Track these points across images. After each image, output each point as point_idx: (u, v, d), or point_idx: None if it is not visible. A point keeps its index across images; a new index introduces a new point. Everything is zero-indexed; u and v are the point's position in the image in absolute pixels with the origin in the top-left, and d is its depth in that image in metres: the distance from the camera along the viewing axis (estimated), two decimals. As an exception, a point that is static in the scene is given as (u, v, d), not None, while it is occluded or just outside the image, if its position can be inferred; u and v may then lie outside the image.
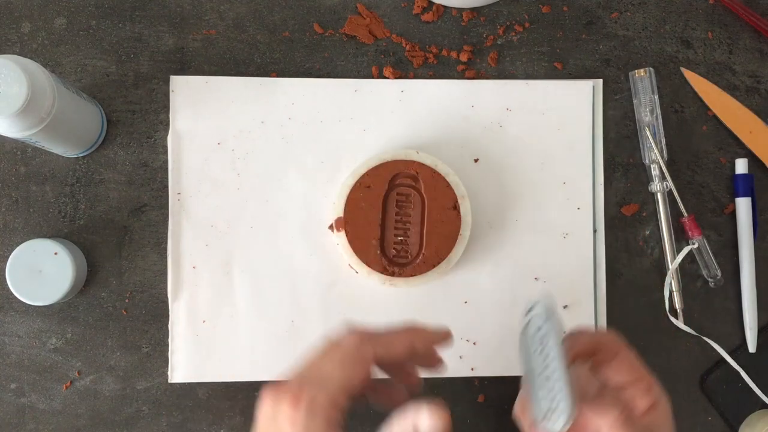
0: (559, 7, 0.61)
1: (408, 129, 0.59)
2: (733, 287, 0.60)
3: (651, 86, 0.60)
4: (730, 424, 0.59)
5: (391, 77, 0.59)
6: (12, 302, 0.57)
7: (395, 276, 0.56)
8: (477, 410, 0.59)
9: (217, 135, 0.58)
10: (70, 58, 0.59)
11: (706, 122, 0.61)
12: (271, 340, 0.58)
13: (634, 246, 0.60)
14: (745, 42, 0.62)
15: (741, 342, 0.60)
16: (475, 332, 0.58)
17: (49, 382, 0.57)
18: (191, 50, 0.59)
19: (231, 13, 0.60)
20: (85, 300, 0.58)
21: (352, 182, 0.56)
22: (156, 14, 0.59)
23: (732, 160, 0.61)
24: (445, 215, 0.56)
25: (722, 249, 0.61)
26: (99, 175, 0.58)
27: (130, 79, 0.59)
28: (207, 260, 0.58)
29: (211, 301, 0.58)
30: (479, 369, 0.59)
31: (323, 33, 0.60)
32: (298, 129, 0.59)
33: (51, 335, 0.57)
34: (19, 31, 0.59)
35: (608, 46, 0.61)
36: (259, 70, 0.59)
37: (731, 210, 0.61)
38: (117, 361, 0.58)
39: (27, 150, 0.58)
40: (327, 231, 0.58)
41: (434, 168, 0.57)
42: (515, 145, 0.60)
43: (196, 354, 0.57)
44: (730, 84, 0.61)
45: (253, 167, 0.58)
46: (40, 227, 0.58)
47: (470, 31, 0.60)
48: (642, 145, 0.60)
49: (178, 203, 0.58)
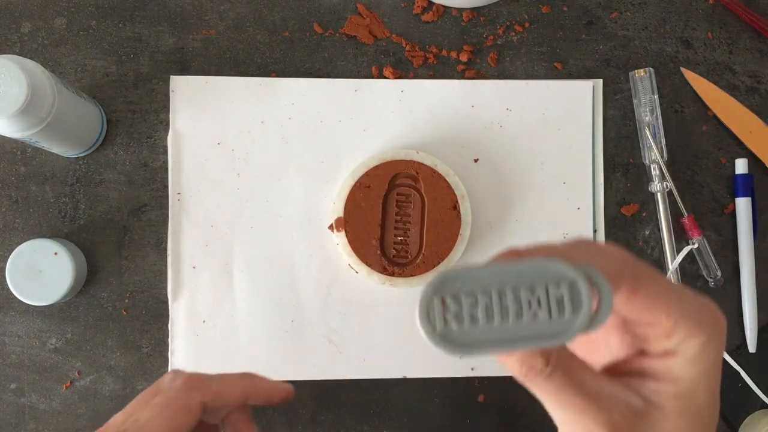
0: (559, 7, 0.61)
1: (408, 129, 0.59)
2: (733, 287, 0.60)
3: (651, 86, 0.60)
4: (730, 424, 0.59)
5: (391, 77, 0.59)
6: (12, 302, 0.57)
7: (395, 276, 0.56)
8: (477, 410, 0.59)
9: (217, 135, 0.59)
10: (70, 58, 0.59)
11: (706, 122, 0.61)
12: (271, 340, 0.58)
13: (634, 246, 0.60)
14: (745, 42, 0.62)
15: (741, 342, 0.60)
16: (475, 332, 0.58)
17: (49, 382, 0.57)
18: (191, 50, 0.59)
19: (231, 13, 0.60)
20: (85, 300, 0.58)
21: (351, 182, 0.56)
22: (156, 14, 0.59)
23: (732, 160, 0.61)
24: (445, 215, 0.56)
25: (722, 249, 0.61)
26: (99, 175, 0.58)
27: (130, 79, 0.59)
28: (207, 260, 0.58)
29: (211, 301, 0.58)
30: (479, 369, 0.59)
31: (323, 33, 0.60)
32: (298, 129, 0.59)
33: (51, 335, 0.58)
34: (19, 31, 0.59)
35: (608, 46, 0.61)
36: (259, 70, 0.59)
37: (731, 210, 0.61)
38: (117, 361, 0.58)
39: (27, 150, 0.58)
40: (327, 231, 0.58)
41: (434, 168, 0.57)
42: (515, 145, 0.60)
43: (196, 354, 0.57)
44: (730, 84, 0.61)
45: (253, 167, 0.58)
46: (40, 227, 0.58)
47: (470, 31, 0.60)
48: (642, 145, 0.60)
49: (178, 203, 0.58)
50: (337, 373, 0.58)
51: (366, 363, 0.58)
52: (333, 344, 0.58)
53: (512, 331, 0.26)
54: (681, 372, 0.28)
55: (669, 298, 0.27)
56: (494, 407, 0.59)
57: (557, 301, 0.26)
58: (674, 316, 0.27)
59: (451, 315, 0.26)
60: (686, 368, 0.28)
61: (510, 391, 0.59)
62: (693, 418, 0.28)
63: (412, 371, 0.58)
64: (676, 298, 0.28)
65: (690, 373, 0.28)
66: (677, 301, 0.28)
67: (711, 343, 0.28)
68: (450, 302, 0.26)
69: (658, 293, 0.27)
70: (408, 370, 0.58)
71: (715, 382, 0.28)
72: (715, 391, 0.28)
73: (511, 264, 0.26)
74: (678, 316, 0.27)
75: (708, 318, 0.28)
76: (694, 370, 0.28)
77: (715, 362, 0.28)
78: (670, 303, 0.27)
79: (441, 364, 0.58)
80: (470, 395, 0.59)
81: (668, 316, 0.27)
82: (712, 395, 0.28)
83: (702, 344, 0.27)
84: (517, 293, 0.26)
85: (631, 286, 0.27)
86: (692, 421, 0.28)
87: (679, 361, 0.28)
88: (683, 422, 0.28)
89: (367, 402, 0.59)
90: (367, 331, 0.58)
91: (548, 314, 0.26)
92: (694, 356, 0.28)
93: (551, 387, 0.28)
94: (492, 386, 0.59)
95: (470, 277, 0.26)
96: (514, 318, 0.26)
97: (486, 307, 0.26)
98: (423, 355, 0.58)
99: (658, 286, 0.27)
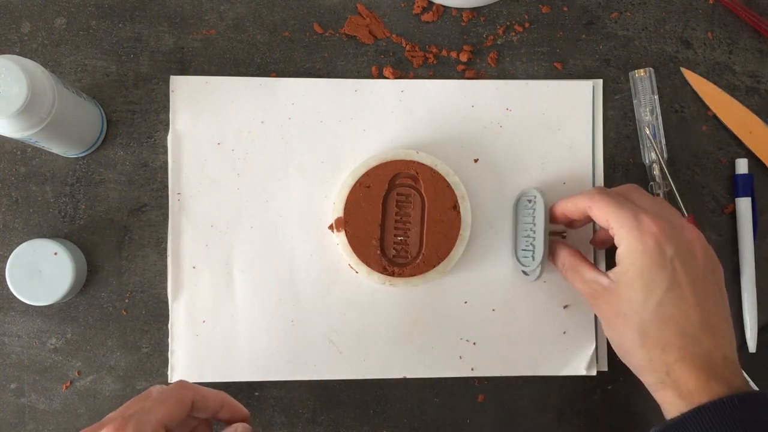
0: (559, 7, 0.61)
1: (408, 129, 0.59)
2: (733, 287, 0.60)
3: (651, 86, 0.60)
4: (730, 424, 0.59)
5: (391, 77, 0.59)
6: (12, 302, 0.57)
7: (395, 276, 0.56)
8: (477, 410, 0.59)
9: (217, 135, 0.59)
10: (70, 58, 0.59)
11: (706, 122, 0.61)
12: (271, 340, 0.58)
13: (634, 246, 0.60)
14: (745, 42, 0.62)
15: (741, 342, 0.60)
16: (475, 332, 0.58)
17: (49, 382, 0.57)
18: (191, 50, 0.59)
19: (231, 13, 0.60)
20: (85, 300, 0.58)
21: (351, 182, 0.56)
22: (156, 14, 0.59)
23: (732, 160, 0.61)
24: (445, 215, 0.56)
25: (722, 249, 0.61)
26: (99, 175, 0.58)
27: (130, 79, 0.59)
28: (207, 260, 0.58)
29: (211, 301, 0.58)
30: (479, 369, 0.59)
31: (323, 33, 0.60)
32: (298, 129, 0.59)
33: (51, 335, 0.58)
34: (19, 31, 0.59)
35: (608, 46, 0.61)
36: (259, 70, 0.59)
37: (731, 210, 0.61)
38: (117, 361, 0.58)
39: (27, 150, 0.58)
40: (327, 231, 0.58)
41: (434, 168, 0.57)
42: (515, 145, 0.60)
43: (196, 354, 0.57)
44: (730, 84, 0.61)
45: (253, 167, 0.58)
46: (40, 227, 0.58)
47: (470, 31, 0.60)
48: (642, 145, 0.60)
49: (178, 203, 0.58)
50: (337, 373, 0.58)
51: (366, 363, 0.58)
52: (333, 344, 0.58)
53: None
54: (620, 259, 0.49)
55: (609, 214, 0.49)
56: (494, 407, 0.59)
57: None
58: (613, 226, 0.49)
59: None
60: (621, 257, 0.49)
61: (510, 391, 0.59)
62: (633, 286, 0.48)
63: (412, 371, 0.58)
64: (614, 215, 0.49)
65: (623, 260, 0.49)
66: (614, 216, 0.49)
67: (632, 243, 0.48)
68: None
69: (606, 212, 0.49)
70: (408, 370, 0.58)
71: (642, 263, 0.47)
72: (643, 269, 0.47)
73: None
74: (615, 227, 0.49)
75: (633, 228, 0.48)
76: (626, 258, 0.48)
77: (639, 250, 0.48)
78: (609, 217, 0.49)
79: (441, 364, 0.58)
80: (470, 395, 0.59)
81: (609, 226, 0.50)
82: (640, 273, 0.47)
83: (626, 243, 0.48)
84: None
85: (589, 208, 0.51)
86: (633, 288, 0.48)
87: (619, 251, 0.49)
88: (628, 290, 0.48)
89: (367, 402, 0.59)
90: (367, 331, 0.58)
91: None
92: (624, 250, 0.49)
93: (569, 277, 0.54)
94: (492, 386, 0.59)
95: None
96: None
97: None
98: (423, 355, 0.58)
99: (606, 206, 0.49)
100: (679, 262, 0.47)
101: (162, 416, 0.42)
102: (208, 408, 0.46)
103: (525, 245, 0.57)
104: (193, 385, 0.46)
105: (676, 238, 0.48)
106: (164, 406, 0.43)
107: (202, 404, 0.45)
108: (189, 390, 0.45)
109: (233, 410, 0.48)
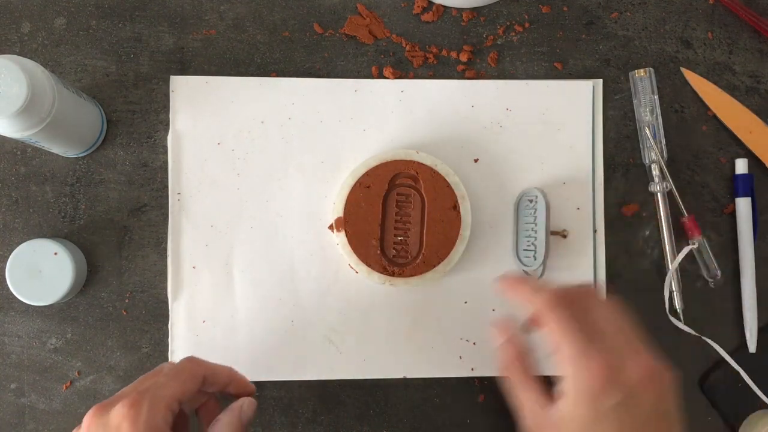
0: (559, 7, 0.61)
1: (408, 129, 0.59)
2: (733, 287, 0.60)
3: (651, 86, 0.60)
4: (730, 424, 0.59)
5: (391, 77, 0.59)
6: (12, 302, 0.57)
7: (395, 276, 0.56)
8: (477, 410, 0.59)
9: (217, 135, 0.59)
10: (70, 58, 0.59)
11: (706, 122, 0.61)
12: (271, 340, 0.58)
13: (634, 246, 0.60)
14: (745, 42, 0.62)
15: (741, 342, 0.60)
16: (475, 332, 0.58)
17: (49, 382, 0.57)
18: (191, 50, 0.59)
19: (231, 13, 0.60)
20: (85, 300, 0.58)
21: (351, 182, 0.56)
22: (156, 14, 0.59)
23: (732, 160, 0.61)
24: (445, 215, 0.56)
25: (722, 249, 0.61)
26: (99, 175, 0.58)
27: (130, 79, 0.59)
28: (207, 260, 0.58)
29: (211, 301, 0.58)
30: (479, 369, 0.59)
31: (323, 33, 0.60)
32: (298, 129, 0.59)
33: (51, 335, 0.58)
34: (19, 31, 0.59)
35: (608, 46, 0.61)
36: (259, 70, 0.59)
37: (731, 210, 0.61)
38: (117, 361, 0.58)
39: (27, 150, 0.58)
40: (327, 231, 0.58)
41: (434, 168, 0.57)
42: (515, 145, 0.60)
43: (196, 354, 0.57)
44: (730, 84, 0.61)
45: (253, 167, 0.59)
46: (40, 227, 0.58)
47: (470, 31, 0.60)
48: (642, 145, 0.60)
49: (178, 203, 0.58)
50: (337, 373, 0.58)
51: (366, 363, 0.58)
52: (333, 344, 0.58)
53: None
54: (565, 392, 0.44)
55: (560, 337, 0.44)
56: (494, 407, 0.59)
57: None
58: (560, 351, 0.44)
59: None
60: (567, 392, 0.44)
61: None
62: (578, 404, 0.43)
63: (412, 371, 0.58)
64: (566, 344, 0.44)
65: (568, 396, 0.44)
66: (566, 345, 0.44)
67: (578, 382, 0.43)
68: None
69: (557, 333, 0.44)
70: (408, 370, 0.58)
71: (587, 413, 0.43)
72: (587, 420, 0.43)
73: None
74: (563, 355, 0.44)
75: (581, 368, 0.43)
76: (571, 397, 0.43)
77: (584, 394, 0.43)
78: (559, 342, 0.44)
79: (441, 364, 0.58)
80: (470, 395, 0.59)
81: (556, 348, 0.45)
82: (583, 424, 0.43)
83: (572, 381, 0.43)
84: None
85: (539, 315, 0.47)
86: (578, 406, 0.43)
87: (565, 385, 0.44)
88: (574, 407, 0.44)
89: (367, 402, 0.59)
90: (367, 331, 0.58)
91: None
92: (569, 387, 0.44)
93: (510, 385, 0.48)
94: (492, 386, 0.59)
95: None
96: None
97: None
98: (423, 355, 0.58)
99: (557, 328, 0.45)
100: (624, 411, 0.43)
101: (175, 391, 0.43)
102: (218, 383, 0.47)
103: (526, 245, 0.58)
104: (202, 360, 0.47)
105: (622, 382, 0.43)
106: (177, 381, 0.44)
107: (213, 379, 0.46)
108: (200, 365, 0.46)
109: (240, 385, 0.49)
